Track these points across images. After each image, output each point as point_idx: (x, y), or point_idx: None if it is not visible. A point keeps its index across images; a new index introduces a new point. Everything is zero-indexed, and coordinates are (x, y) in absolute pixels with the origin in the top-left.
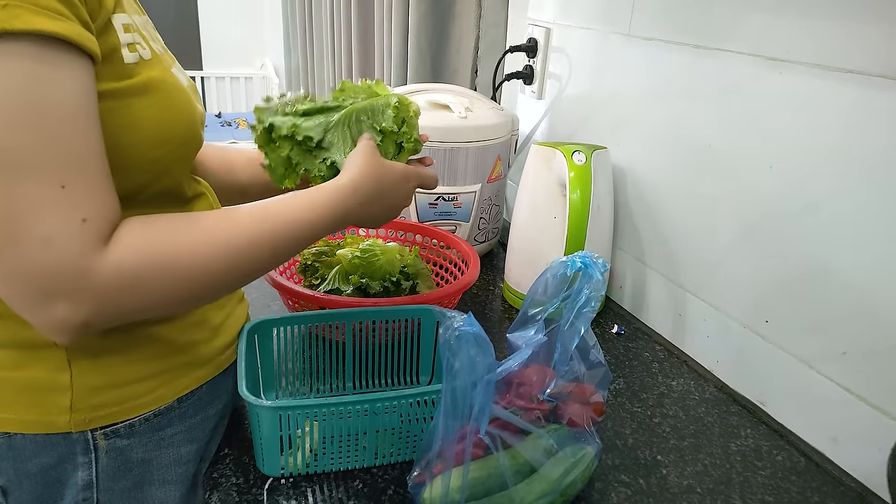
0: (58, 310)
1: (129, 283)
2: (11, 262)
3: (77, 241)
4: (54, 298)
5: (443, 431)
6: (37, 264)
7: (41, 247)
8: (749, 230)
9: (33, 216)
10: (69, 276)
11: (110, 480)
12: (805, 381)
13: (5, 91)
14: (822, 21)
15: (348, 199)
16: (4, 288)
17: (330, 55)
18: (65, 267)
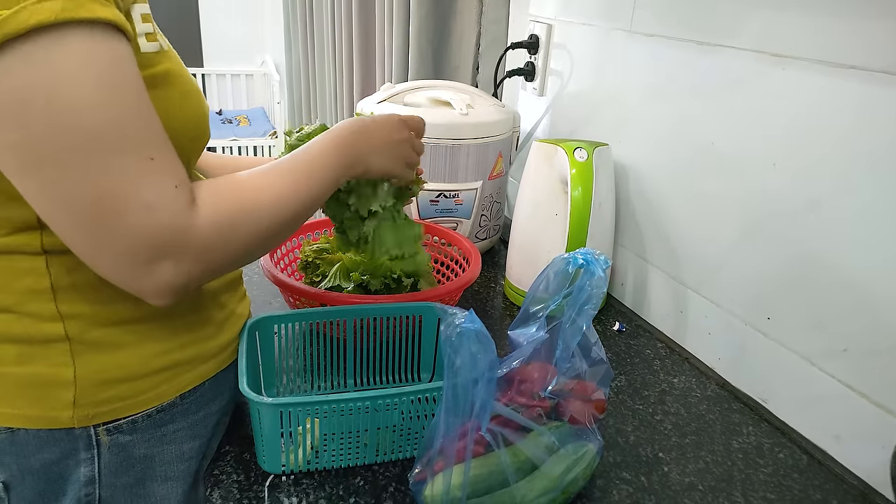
0: (163, 271)
1: (221, 236)
2: (119, 233)
3: (175, 204)
4: (160, 260)
5: (444, 428)
6: (144, 230)
7: (146, 213)
8: (751, 227)
9: (134, 187)
10: (173, 236)
11: (112, 476)
12: (807, 378)
13: (91, 75)
14: (825, 17)
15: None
16: (110, 261)
17: (331, 52)
18: (169, 229)
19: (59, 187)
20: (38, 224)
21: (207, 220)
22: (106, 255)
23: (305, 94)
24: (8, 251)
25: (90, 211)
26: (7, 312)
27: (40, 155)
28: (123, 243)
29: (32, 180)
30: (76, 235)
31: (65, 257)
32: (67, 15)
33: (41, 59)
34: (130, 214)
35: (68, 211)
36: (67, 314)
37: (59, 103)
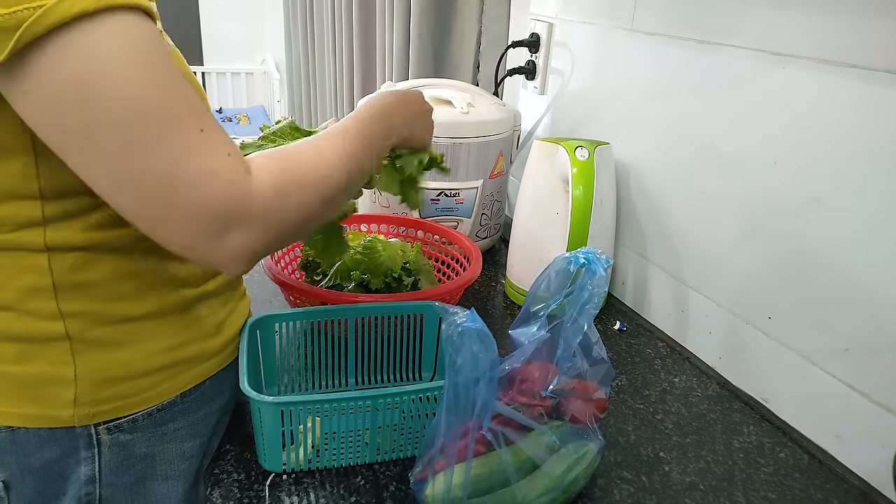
0: (233, 238)
1: (281, 198)
2: (187, 204)
3: (234, 171)
4: (229, 228)
5: (445, 428)
6: (208, 199)
7: (209, 181)
8: (752, 226)
9: (192, 159)
10: (237, 201)
11: (113, 475)
12: (808, 377)
13: (137, 55)
14: (826, 16)
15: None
16: (181, 234)
17: (331, 50)
18: (231, 195)
19: (121, 168)
20: (42, 220)
21: (265, 184)
22: (178, 230)
23: (306, 92)
24: (11, 248)
25: (155, 187)
26: (7, 310)
27: (99, 139)
28: (193, 214)
29: (94, 164)
30: (143, 213)
31: (67, 255)
32: (106, 2)
33: (88, 45)
34: (194, 185)
35: (133, 189)
36: (68, 312)
37: (111, 86)
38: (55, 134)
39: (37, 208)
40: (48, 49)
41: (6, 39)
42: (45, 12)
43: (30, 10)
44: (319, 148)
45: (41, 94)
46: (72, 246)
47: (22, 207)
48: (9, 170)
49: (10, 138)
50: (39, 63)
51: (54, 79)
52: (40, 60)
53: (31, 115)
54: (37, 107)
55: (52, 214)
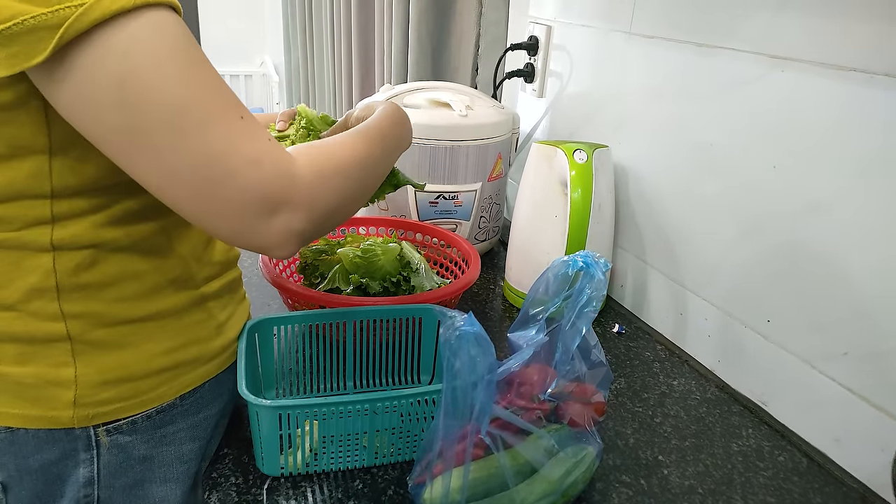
0: (280, 220)
1: (323, 183)
2: (234, 191)
3: (277, 156)
4: (276, 210)
5: (443, 431)
6: (256, 184)
7: (255, 168)
8: (751, 229)
9: (235, 146)
10: (283, 185)
11: (111, 477)
12: (807, 381)
13: (174, 49)
14: (824, 19)
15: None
16: (230, 220)
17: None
18: (277, 179)
19: (168, 160)
20: (50, 218)
21: (307, 169)
22: (225, 216)
23: (304, 95)
24: (17, 246)
25: (202, 176)
26: (9, 310)
27: (144, 133)
28: (240, 200)
29: (141, 158)
30: (193, 203)
31: (71, 255)
32: None
33: (128, 42)
34: (241, 171)
35: (181, 181)
36: (70, 314)
37: (152, 82)
38: (99, 131)
39: (46, 207)
40: (89, 47)
41: (48, 38)
42: (87, 10)
43: (71, 9)
44: (350, 142)
45: (84, 92)
46: (79, 244)
47: (31, 206)
48: (24, 169)
49: (28, 138)
50: (81, 61)
51: (96, 77)
52: (81, 58)
53: (74, 114)
54: (79, 105)
55: (61, 213)
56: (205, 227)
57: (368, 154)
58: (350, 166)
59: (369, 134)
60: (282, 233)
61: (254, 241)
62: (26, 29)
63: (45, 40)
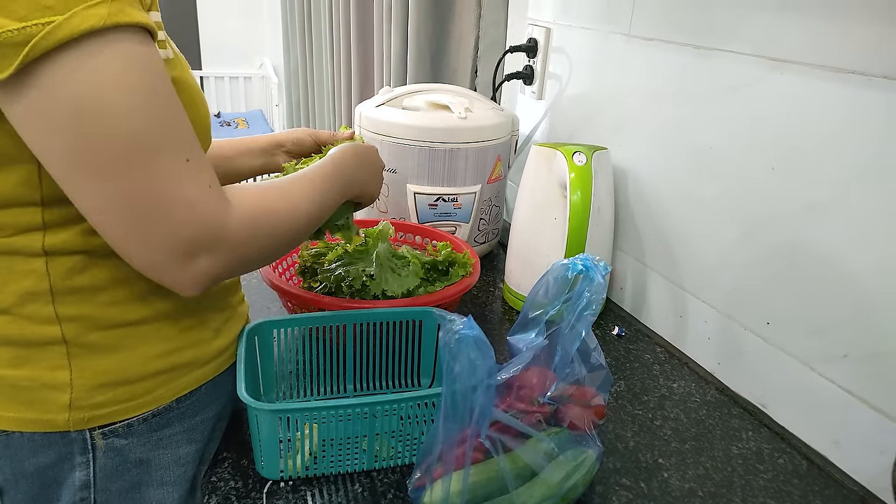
0: (200, 263)
1: (251, 232)
2: (164, 229)
3: (214, 201)
4: (198, 253)
5: (443, 435)
6: (186, 226)
7: (188, 210)
8: (750, 231)
9: (175, 186)
10: (212, 231)
11: (108, 481)
12: (807, 383)
13: (134, 79)
14: (823, 22)
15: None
16: (151, 255)
17: (329, 55)
18: (209, 224)
19: (105, 188)
20: (42, 225)
21: (239, 218)
22: (148, 250)
23: (304, 96)
24: (8, 252)
25: (137, 210)
26: (4, 314)
27: (90, 159)
28: (167, 238)
29: (82, 183)
30: (121, 232)
31: (65, 259)
32: (113, 20)
33: (92, 66)
34: (175, 211)
35: (115, 210)
36: (65, 317)
37: (108, 111)
38: (46, 150)
39: (37, 214)
40: (52, 66)
41: (14, 55)
42: (55, 28)
43: (39, 27)
44: (291, 195)
45: (39, 110)
46: (70, 250)
47: (22, 214)
48: (12, 178)
49: (15, 148)
50: (41, 80)
51: (53, 98)
52: (42, 77)
53: (24, 130)
54: (31, 122)
55: (52, 220)
56: (124, 256)
57: (307, 208)
58: (285, 221)
59: (312, 186)
60: (197, 275)
61: (166, 277)
62: None
63: (10, 57)
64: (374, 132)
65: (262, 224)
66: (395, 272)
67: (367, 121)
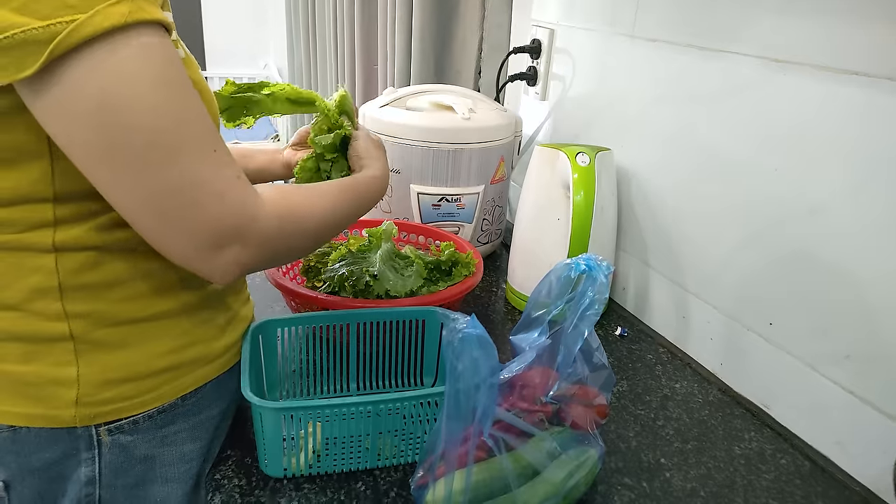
0: (230, 253)
1: (280, 228)
2: (195, 220)
3: (243, 193)
4: (229, 243)
5: (446, 434)
6: (218, 216)
7: (219, 201)
8: (753, 232)
9: (205, 177)
10: (244, 221)
11: (113, 477)
12: (809, 384)
13: (156, 74)
14: (828, 23)
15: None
16: (183, 245)
17: (333, 56)
18: (240, 215)
19: (136, 182)
20: (52, 221)
21: (269, 212)
22: (180, 240)
23: None
24: (19, 248)
25: (168, 202)
26: (13, 310)
27: (118, 156)
28: (198, 229)
29: (110, 176)
30: (153, 224)
31: (74, 256)
32: (134, 17)
33: (114, 61)
34: (206, 203)
35: (146, 202)
36: (73, 313)
37: (133, 105)
38: (75, 146)
39: (48, 210)
40: (76, 63)
41: (38, 52)
42: (78, 26)
43: (63, 24)
44: (314, 201)
45: (63, 106)
46: (80, 246)
47: (34, 210)
48: (26, 174)
49: (29, 144)
50: (65, 76)
51: (77, 94)
52: (66, 74)
53: (53, 127)
54: (56, 118)
55: (63, 216)
56: (156, 246)
57: (332, 216)
58: (310, 223)
59: (344, 196)
60: (228, 264)
61: (201, 267)
62: (16, 42)
63: (35, 55)
64: (378, 133)
65: (290, 221)
66: (399, 272)
67: (371, 121)
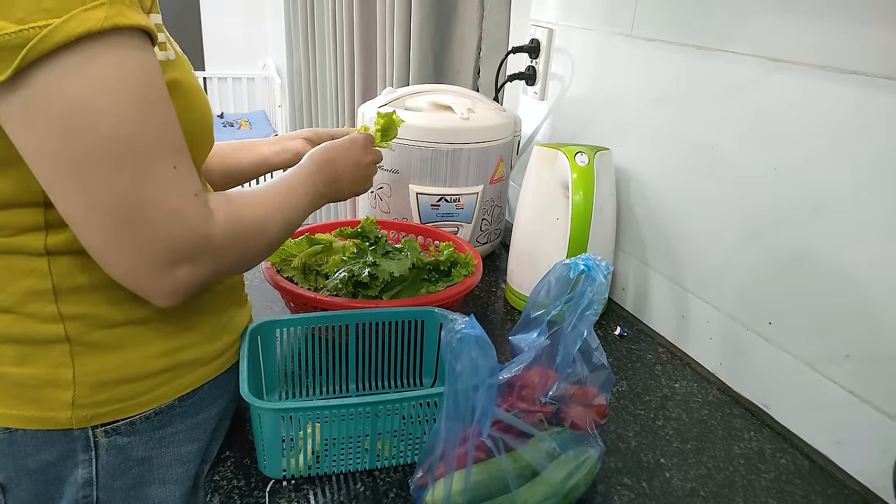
0: (179, 273)
1: (233, 242)
2: (146, 237)
3: (198, 211)
4: (179, 263)
5: (445, 434)
6: (170, 235)
7: (173, 219)
8: (752, 232)
9: (161, 195)
10: (197, 241)
11: (110, 478)
12: (809, 383)
13: (127, 85)
14: (825, 22)
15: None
16: (131, 263)
17: (332, 56)
18: (193, 234)
19: (92, 194)
20: (44, 225)
21: (222, 227)
22: (129, 258)
23: (307, 97)
24: (11, 251)
25: (120, 217)
26: (8, 313)
27: (78, 163)
28: (149, 247)
29: (67, 187)
30: (101, 238)
31: (67, 258)
32: (111, 22)
33: (86, 69)
34: (159, 221)
35: (98, 216)
36: (68, 315)
37: (95, 113)
38: (32, 151)
39: (39, 215)
40: (47, 69)
41: (10, 58)
42: (52, 31)
43: (36, 29)
44: (269, 203)
45: (31, 111)
46: (73, 249)
47: (24, 214)
48: (15, 180)
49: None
50: (35, 81)
51: (45, 100)
52: (37, 79)
53: (13, 130)
54: (22, 123)
55: (55, 220)
56: (101, 262)
57: (287, 214)
58: (264, 228)
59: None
60: (177, 284)
61: (146, 287)
62: None
63: (7, 60)
64: None
65: (243, 232)
66: (394, 258)
67: (370, 121)
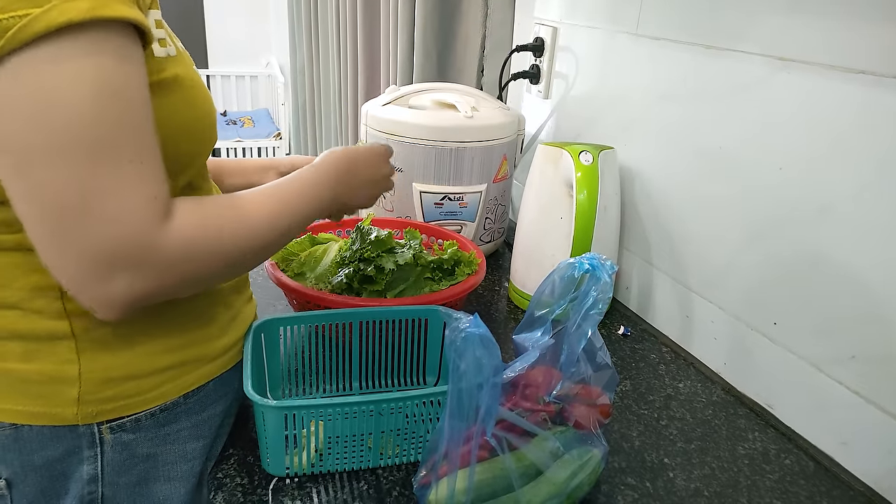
0: (117, 284)
1: (185, 255)
2: (80, 238)
3: (146, 217)
4: (116, 272)
5: (449, 433)
6: (104, 239)
7: (109, 223)
8: (758, 231)
9: (99, 197)
10: (134, 250)
11: (115, 475)
12: (814, 384)
13: (94, 78)
14: (832, 21)
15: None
16: (65, 263)
17: (335, 54)
18: (131, 241)
19: (39, 189)
20: None
21: (176, 238)
22: (66, 260)
23: (310, 95)
24: (18, 248)
25: (58, 215)
26: (13, 309)
27: (33, 156)
28: (83, 249)
29: (19, 174)
30: (41, 236)
31: None
32: (93, 14)
33: (60, 61)
34: (94, 222)
35: (39, 211)
36: (74, 312)
37: (61, 106)
38: None
39: None
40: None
41: None
42: (31, 21)
43: (15, 19)
44: (250, 215)
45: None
46: None
47: None
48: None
49: None
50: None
51: (20, 89)
52: (9, 69)
53: None
54: None
55: None
56: (48, 265)
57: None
58: (233, 247)
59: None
60: (115, 295)
61: (83, 294)
62: None
63: None
64: (381, 131)
65: (202, 246)
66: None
67: (373, 120)
